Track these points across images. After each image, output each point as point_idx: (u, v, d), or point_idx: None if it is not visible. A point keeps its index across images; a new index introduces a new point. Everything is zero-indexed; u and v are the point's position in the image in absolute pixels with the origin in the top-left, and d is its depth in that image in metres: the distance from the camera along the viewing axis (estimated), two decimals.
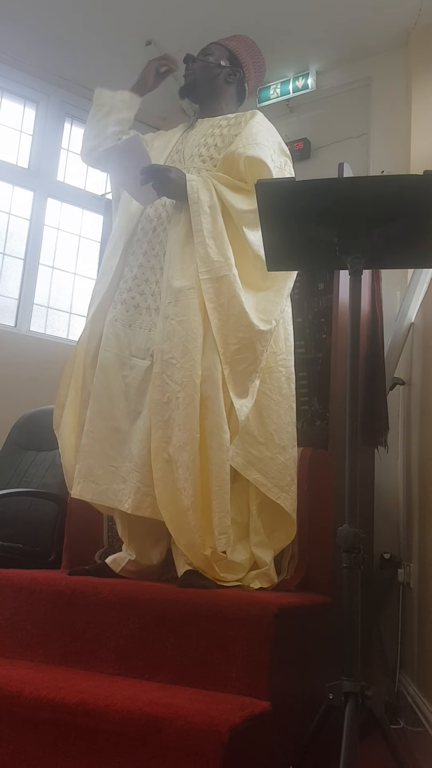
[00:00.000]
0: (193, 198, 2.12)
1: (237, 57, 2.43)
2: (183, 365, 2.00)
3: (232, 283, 2.07)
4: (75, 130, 4.34)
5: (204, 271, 2.07)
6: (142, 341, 2.16)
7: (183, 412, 1.97)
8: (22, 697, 1.54)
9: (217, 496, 1.96)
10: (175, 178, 2.13)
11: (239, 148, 2.19)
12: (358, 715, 1.45)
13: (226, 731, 1.34)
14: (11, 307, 3.96)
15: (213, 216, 2.13)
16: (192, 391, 1.97)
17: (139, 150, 2.14)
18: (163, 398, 2.01)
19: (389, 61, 3.60)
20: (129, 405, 2.12)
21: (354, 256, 1.65)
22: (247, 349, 2.06)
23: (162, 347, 2.05)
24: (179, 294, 2.07)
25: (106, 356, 2.16)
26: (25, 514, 2.75)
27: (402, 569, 2.74)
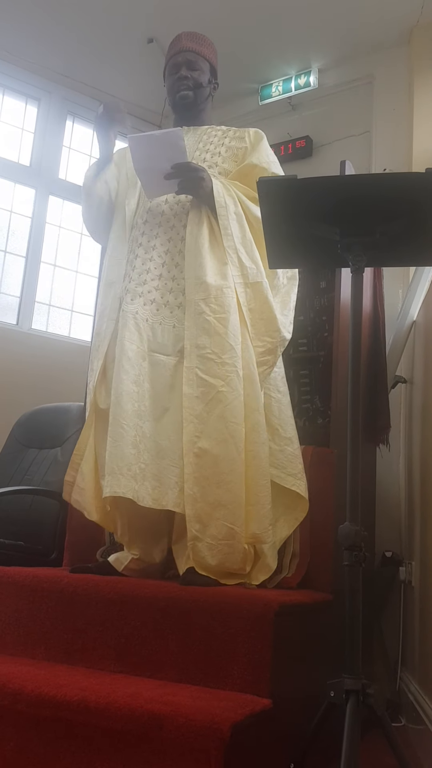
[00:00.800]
0: (221, 202, 2.18)
1: (214, 68, 2.47)
2: (225, 361, 2.04)
3: (265, 290, 2.17)
4: (77, 128, 4.34)
5: (237, 275, 2.15)
6: (165, 337, 2.15)
7: (227, 405, 2.01)
8: (24, 695, 1.55)
9: (263, 489, 2.02)
10: (207, 180, 2.18)
11: (263, 163, 2.29)
12: (359, 713, 1.45)
13: (228, 729, 1.34)
14: (13, 305, 3.96)
15: (240, 223, 2.20)
16: (237, 386, 2.03)
17: (178, 145, 2.13)
18: (195, 392, 2.03)
19: (391, 59, 3.59)
20: (154, 401, 2.10)
21: (356, 253, 1.65)
22: (270, 353, 2.17)
23: (197, 342, 2.07)
24: (216, 291, 2.10)
25: (132, 349, 2.11)
26: (27, 512, 2.75)
27: (403, 567, 2.74)
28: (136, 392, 2.07)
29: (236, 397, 2.02)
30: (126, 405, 2.05)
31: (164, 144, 2.13)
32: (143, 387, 2.10)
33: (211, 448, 1.98)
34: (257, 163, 2.28)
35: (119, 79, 4.13)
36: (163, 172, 2.14)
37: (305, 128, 3.83)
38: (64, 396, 3.28)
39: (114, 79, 4.14)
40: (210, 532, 1.96)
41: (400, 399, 3.02)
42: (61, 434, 2.98)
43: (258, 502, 2.01)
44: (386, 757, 1.61)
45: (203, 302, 2.09)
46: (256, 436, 2.04)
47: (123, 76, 4.10)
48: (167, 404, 2.10)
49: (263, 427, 2.07)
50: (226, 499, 1.96)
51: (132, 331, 2.14)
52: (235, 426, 2.00)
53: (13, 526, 2.68)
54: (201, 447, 1.99)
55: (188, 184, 2.16)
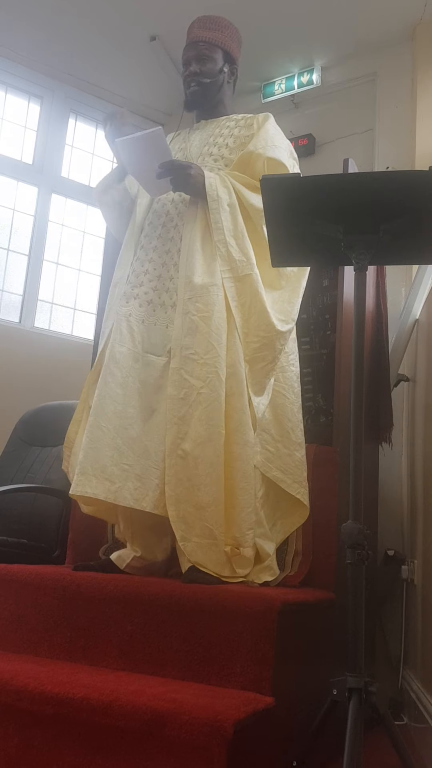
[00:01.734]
0: (212, 195, 2.14)
1: (230, 53, 2.40)
2: (207, 361, 2.01)
3: (255, 283, 2.11)
4: (79, 126, 4.34)
5: (226, 269, 2.11)
6: (157, 338, 2.15)
7: (206, 407, 1.98)
8: (27, 692, 1.55)
9: (244, 492, 1.98)
10: (195, 175, 2.15)
11: (258, 149, 2.22)
12: (362, 711, 1.45)
13: (231, 726, 1.34)
14: (15, 303, 3.96)
15: (233, 214, 2.15)
16: (217, 387, 1.99)
17: (160, 144, 2.13)
18: (179, 394, 2.02)
19: (394, 57, 3.59)
20: (143, 402, 2.09)
21: (359, 251, 1.65)
22: (266, 348, 2.10)
23: (182, 343, 2.05)
24: (202, 290, 2.08)
25: (121, 351, 2.12)
26: (30, 509, 2.75)
27: (406, 566, 2.74)
28: (121, 395, 2.07)
29: (215, 398, 1.99)
30: (107, 407, 2.05)
31: (148, 144, 2.14)
32: (132, 388, 2.09)
33: (191, 450, 1.97)
34: (253, 150, 2.23)
35: (122, 77, 4.13)
36: (153, 171, 2.14)
37: (308, 126, 3.82)
38: (67, 394, 3.28)
39: (117, 77, 4.14)
40: (195, 532, 1.96)
41: (402, 397, 3.02)
42: (63, 432, 2.95)
43: (238, 504, 1.98)
44: (388, 755, 1.62)
45: (190, 302, 2.08)
46: (239, 437, 2.00)
47: (126, 74, 4.09)
48: (155, 405, 2.09)
49: (248, 426, 2.02)
50: (206, 501, 1.95)
51: (123, 333, 2.13)
52: (214, 428, 1.97)
53: (16, 524, 2.69)
54: (184, 449, 1.98)
55: (178, 181, 2.14)
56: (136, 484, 2.01)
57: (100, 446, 2.02)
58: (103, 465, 2.01)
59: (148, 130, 2.15)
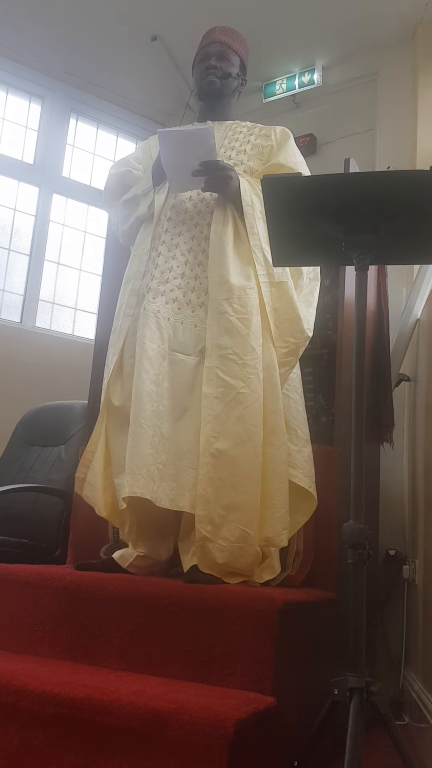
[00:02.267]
0: (247, 201, 2.18)
1: (245, 65, 2.46)
2: (246, 362, 2.04)
3: (290, 290, 2.17)
4: (80, 126, 4.34)
5: (263, 273, 2.14)
6: (186, 337, 2.14)
7: (246, 407, 2.00)
8: (28, 692, 1.55)
9: (280, 492, 2.01)
10: (235, 179, 2.18)
11: (290, 164, 2.28)
12: (363, 711, 1.45)
13: (232, 726, 1.34)
14: (17, 302, 3.96)
15: (265, 222, 2.15)
16: (257, 388, 2.02)
17: (208, 143, 2.13)
18: (215, 392, 2.02)
19: (396, 56, 3.58)
20: (173, 401, 2.08)
21: (360, 251, 1.65)
22: (293, 354, 2.18)
23: (218, 342, 2.06)
24: (239, 291, 2.10)
25: (152, 348, 2.09)
26: (31, 509, 2.76)
27: (407, 566, 2.74)
28: (155, 392, 2.06)
29: (256, 399, 2.01)
30: (146, 405, 2.03)
31: (194, 141, 2.14)
32: (162, 386, 2.08)
33: (228, 450, 1.97)
34: (284, 163, 2.27)
35: (123, 77, 4.13)
36: (190, 168, 2.14)
37: (309, 126, 3.82)
38: (68, 394, 3.28)
39: (118, 77, 4.14)
40: (222, 534, 1.95)
41: (403, 397, 3.01)
42: (64, 432, 2.98)
43: (273, 505, 2.00)
44: (389, 755, 1.62)
45: (226, 302, 2.09)
46: (275, 439, 2.03)
47: (127, 74, 4.10)
48: (187, 404, 2.08)
49: (282, 429, 2.06)
50: (241, 501, 1.95)
51: (153, 330, 2.11)
52: (253, 428, 1.99)
53: (17, 524, 2.69)
54: (218, 448, 1.98)
55: (216, 182, 2.16)
56: (171, 484, 2.01)
57: (142, 444, 2.00)
58: (147, 464, 1.99)
59: (199, 128, 2.18)
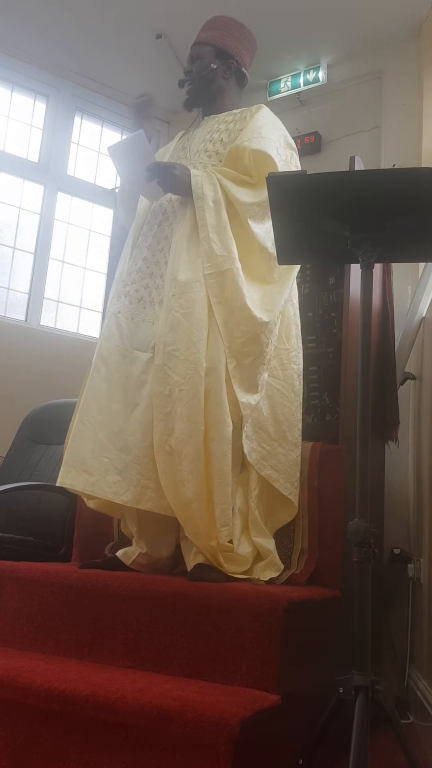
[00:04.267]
0: (198, 193, 2.14)
1: (223, 49, 2.39)
2: (187, 357, 2.01)
3: (235, 277, 2.09)
4: (85, 124, 4.34)
5: (208, 265, 2.10)
6: (144, 334, 2.16)
7: (186, 404, 1.98)
8: (34, 689, 1.55)
9: (219, 489, 1.98)
10: (180, 175, 2.16)
11: (244, 142, 2.20)
12: (368, 709, 1.45)
13: (237, 724, 1.35)
14: (21, 301, 3.97)
15: (217, 210, 2.15)
16: (196, 383, 1.99)
17: (143, 147, 2.15)
18: (164, 390, 2.02)
19: (401, 54, 3.57)
20: (127, 397, 2.11)
21: (365, 249, 1.65)
22: (252, 342, 2.08)
23: (165, 339, 2.06)
24: (184, 287, 2.08)
25: (108, 347, 2.16)
26: (36, 507, 2.76)
27: (412, 564, 2.73)
28: (105, 390, 2.10)
29: (194, 395, 1.99)
30: (91, 402, 2.10)
31: (133, 148, 2.16)
32: (118, 384, 2.11)
33: (176, 447, 1.98)
34: (239, 143, 2.21)
35: (128, 75, 4.13)
36: (144, 175, 2.16)
37: (314, 124, 3.82)
38: (73, 392, 3.26)
39: (122, 75, 4.14)
40: (188, 525, 2.00)
41: (408, 395, 3.01)
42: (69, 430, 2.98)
43: (213, 501, 1.98)
44: (395, 753, 1.61)
45: (173, 298, 2.09)
46: (215, 434, 1.99)
47: (131, 72, 4.09)
48: (137, 400, 2.10)
49: (224, 422, 2.00)
50: (189, 497, 1.96)
51: (111, 330, 2.17)
52: (194, 425, 1.97)
53: (22, 522, 2.69)
54: (170, 445, 1.99)
55: (164, 182, 2.16)
56: (115, 477, 2.03)
57: (80, 439, 2.07)
58: (82, 457, 2.04)
59: (132, 134, 2.17)
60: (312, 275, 2.68)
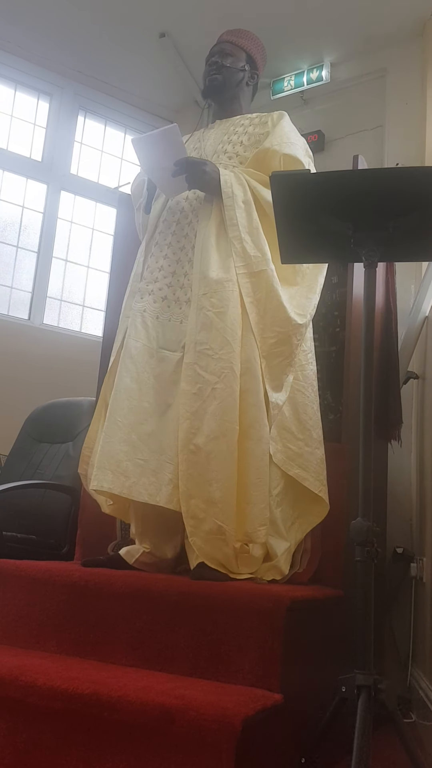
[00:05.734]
0: (227, 192, 2.16)
1: (253, 59, 2.46)
2: (222, 356, 2.02)
3: (270, 278, 2.12)
4: (88, 123, 4.34)
5: (241, 265, 2.12)
6: (172, 333, 2.16)
7: (220, 403, 1.99)
8: (36, 687, 1.56)
9: (257, 488, 1.99)
10: (210, 172, 2.17)
11: (275, 146, 2.23)
12: (370, 708, 1.45)
13: (239, 723, 1.35)
14: (25, 300, 3.97)
15: (248, 211, 2.17)
16: (232, 383, 2.00)
17: (176, 141, 2.13)
18: (193, 389, 2.03)
19: (405, 53, 3.56)
20: (158, 397, 2.10)
21: (369, 248, 1.64)
22: (283, 343, 2.11)
23: (196, 338, 2.06)
24: (217, 286, 2.09)
25: (136, 347, 2.14)
26: (39, 506, 2.77)
27: (414, 563, 2.73)
28: (136, 390, 2.08)
29: (230, 393, 2.00)
30: (123, 402, 2.07)
31: (164, 142, 2.14)
32: (147, 384, 2.10)
33: (204, 446, 1.98)
34: (269, 147, 2.24)
35: (131, 74, 4.13)
36: (169, 170, 2.14)
37: (317, 123, 3.81)
38: (76, 391, 3.29)
39: (126, 74, 4.14)
40: (204, 528, 1.97)
41: (411, 395, 3.01)
42: (72, 429, 2.99)
43: (251, 500, 1.99)
44: (397, 752, 1.61)
45: (205, 297, 2.09)
46: (254, 433, 2.01)
47: (135, 71, 4.09)
48: (170, 400, 2.10)
49: (263, 422, 2.03)
50: (217, 497, 1.96)
51: (138, 329, 2.15)
52: (228, 424, 1.98)
53: (25, 520, 2.70)
54: (196, 444, 1.98)
55: (193, 179, 2.16)
56: (150, 479, 2.02)
57: (114, 441, 2.04)
58: (118, 460, 2.02)
59: (164, 127, 2.15)
60: None
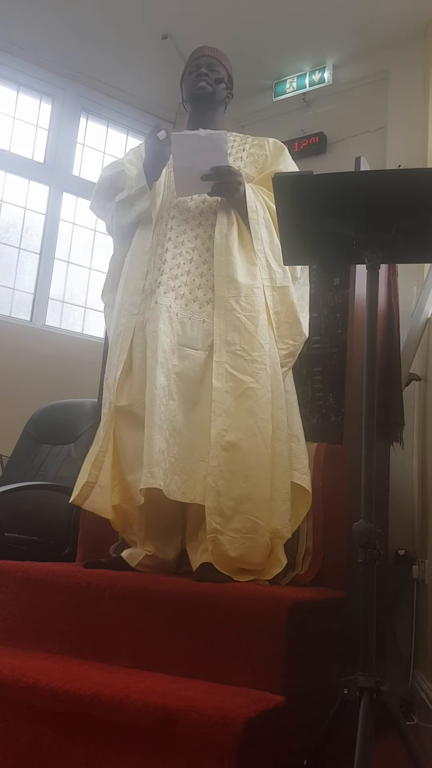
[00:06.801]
0: (252, 206, 2.24)
1: (231, 77, 2.50)
2: (255, 358, 2.09)
3: (291, 294, 2.24)
4: (91, 125, 4.35)
5: (266, 278, 2.21)
6: (195, 332, 2.16)
7: (256, 401, 2.05)
8: (38, 688, 1.55)
9: (285, 486, 2.06)
10: (243, 185, 2.23)
11: None
12: (373, 710, 1.44)
13: (241, 724, 1.34)
14: (27, 301, 3.97)
15: (268, 228, 2.26)
16: (267, 383, 2.09)
17: (221, 148, 2.17)
18: (224, 387, 2.06)
19: (407, 54, 3.57)
20: (183, 395, 2.10)
21: (371, 250, 1.64)
22: (291, 355, 2.25)
23: (226, 338, 2.11)
24: (246, 290, 2.15)
25: (167, 342, 2.10)
26: (41, 507, 2.77)
27: (416, 566, 2.73)
28: (167, 386, 2.08)
29: (265, 393, 2.07)
30: (160, 399, 2.04)
31: (207, 145, 2.16)
32: (172, 381, 2.10)
33: (239, 442, 2.00)
34: (284, 170, 2.31)
35: (133, 76, 4.14)
36: (200, 172, 2.16)
37: (319, 124, 3.81)
38: (78, 392, 3.29)
39: (128, 76, 4.15)
40: (233, 526, 1.97)
41: (413, 396, 3.00)
42: (74, 430, 2.99)
43: (280, 497, 2.04)
44: (399, 755, 1.61)
45: (234, 299, 2.14)
46: (280, 434, 2.09)
47: (137, 73, 4.10)
48: (196, 398, 2.11)
49: (286, 425, 2.12)
50: (253, 492, 1.98)
51: (166, 324, 2.12)
52: (263, 422, 2.04)
53: (26, 522, 2.70)
54: (229, 441, 2.01)
55: (225, 188, 2.20)
56: (182, 477, 2.03)
57: (157, 439, 2.00)
58: (164, 458, 2.00)
59: (213, 131, 2.19)
60: (317, 276, 2.67)
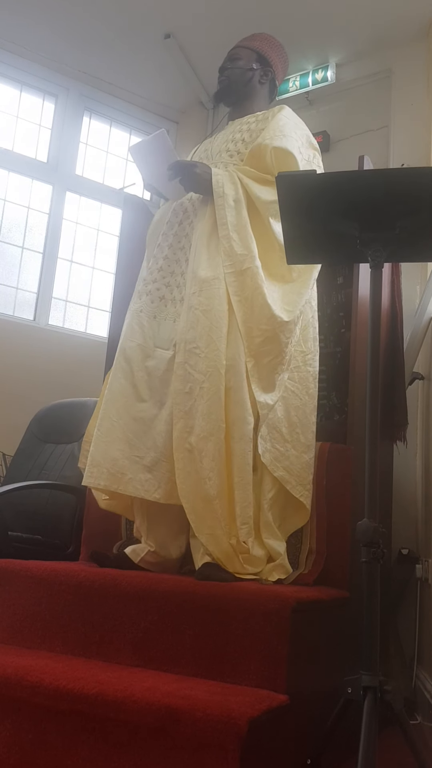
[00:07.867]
0: (218, 192, 2.16)
1: (265, 57, 2.46)
2: (207, 355, 2.02)
3: (255, 276, 2.10)
4: (94, 124, 4.34)
5: (228, 264, 2.11)
6: (166, 332, 2.18)
7: (207, 401, 1.99)
8: (42, 687, 1.56)
9: (239, 487, 1.99)
10: (201, 173, 2.17)
11: (266, 140, 2.22)
12: (376, 710, 1.44)
13: (245, 723, 1.35)
14: (30, 300, 3.98)
15: (237, 209, 2.16)
16: (217, 381, 2.00)
17: (165, 146, 2.17)
18: (185, 388, 2.03)
19: (410, 53, 3.56)
20: (153, 395, 2.13)
21: (375, 249, 1.64)
22: (271, 342, 2.09)
23: (185, 337, 2.07)
24: (204, 284, 2.09)
25: (131, 346, 2.18)
26: (44, 506, 2.77)
27: (420, 565, 2.73)
28: (130, 388, 2.11)
29: (215, 392, 2.01)
30: (117, 401, 2.11)
31: (156, 148, 2.18)
32: (143, 382, 2.13)
33: (197, 444, 1.99)
34: (261, 141, 2.23)
35: (136, 75, 4.13)
36: (165, 174, 2.18)
37: (323, 123, 3.81)
38: (81, 391, 3.29)
39: (131, 75, 4.14)
40: (206, 524, 1.99)
41: (417, 395, 3.00)
42: (77, 429, 2.99)
43: (233, 499, 2.00)
44: (403, 754, 1.61)
45: (194, 296, 2.10)
46: (235, 432, 2.01)
47: (140, 72, 4.10)
48: (163, 399, 2.12)
49: (245, 421, 2.02)
50: (212, 494, 1.97)
51: (134, 329, 2.18)
52: (216, 422, 1.99)
53: (30, 521, 2.70)
54: (190, 442, 2.00)
55: (186, 181, 2.18)
56: (147, 475, 2.05)
57: (110, 439, 2.08)
58: (114, 458, 2.06)
59: (153, 134, 2.20)
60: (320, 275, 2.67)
